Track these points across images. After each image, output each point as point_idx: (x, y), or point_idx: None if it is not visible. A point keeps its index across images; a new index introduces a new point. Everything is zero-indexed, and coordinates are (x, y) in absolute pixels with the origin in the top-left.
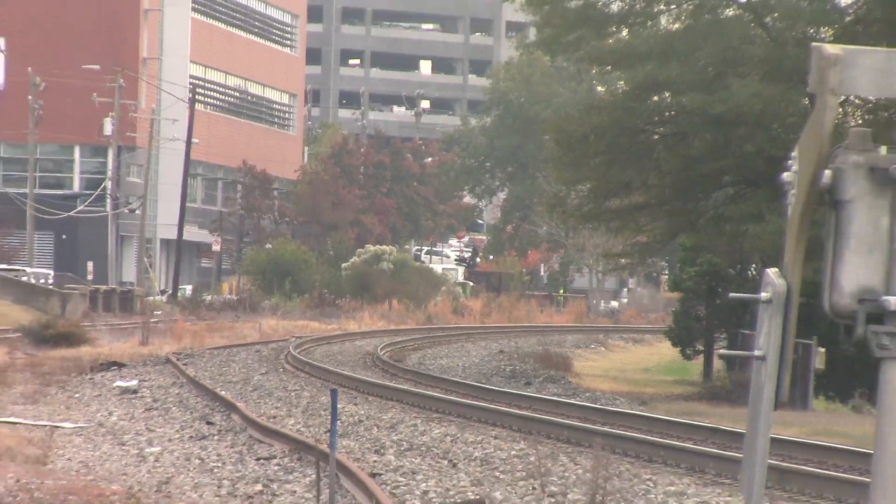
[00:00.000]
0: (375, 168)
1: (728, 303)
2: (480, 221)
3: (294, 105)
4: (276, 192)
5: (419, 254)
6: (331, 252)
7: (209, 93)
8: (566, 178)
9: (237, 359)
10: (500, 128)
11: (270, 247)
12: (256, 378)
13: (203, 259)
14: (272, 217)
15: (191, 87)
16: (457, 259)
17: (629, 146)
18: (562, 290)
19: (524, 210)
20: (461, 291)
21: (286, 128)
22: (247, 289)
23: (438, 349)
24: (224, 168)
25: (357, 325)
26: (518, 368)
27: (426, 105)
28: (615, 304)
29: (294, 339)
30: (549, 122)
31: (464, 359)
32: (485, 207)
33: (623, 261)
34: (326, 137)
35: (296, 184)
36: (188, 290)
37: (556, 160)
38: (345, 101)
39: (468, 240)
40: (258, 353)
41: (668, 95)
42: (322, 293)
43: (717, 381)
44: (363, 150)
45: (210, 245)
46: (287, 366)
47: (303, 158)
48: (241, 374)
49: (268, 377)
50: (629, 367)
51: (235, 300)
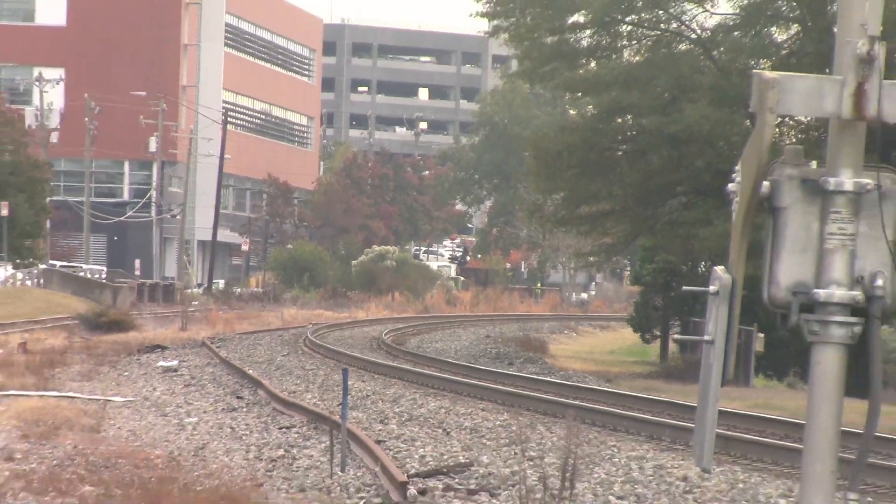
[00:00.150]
0: (380, 180)
1: (681, 295)
2: (470, 225)
3: (311, 126)
4: (296, 201)
5: (418, 253)
6: (342, 251)
7: (239, 115)
8: (543, 189)
9: (262, 342)
10: (487, 146)
11: (291, 247)
12: (279, 359)
13: (234, 257)
14: (292, 222)
15: (223, 111)
16: (450, 257)
17: (597, 161)
18: (539, 284)
19: (507, 215)
20: (453, 285)
21: (304, 145)
22: (271, 283)
23: (434, 334)
24: (251, 180)
25: (365, 314)
26: (502, 351)
27: (424, 126)
28: (585, 296)
29: (311, 326)
30: (529, 141)
31: (456, 342)
32: (474, 213)
33: (591, 259)
34: (339, 154)
35: (313, 193)
36: (221, 284)
37: (535, 173)
38: (354, 123)
39: (459, 241)
40: (280, 338)
41: (630, 118)
42: (335, 286)
43: (672, 362)
44: (370, 165)
45: (240, 245)
46: (305, 348)
47: (318, 172)
48: (266, 356)
49: (288, 358)
50: (597, 350)
51: (261, 292)
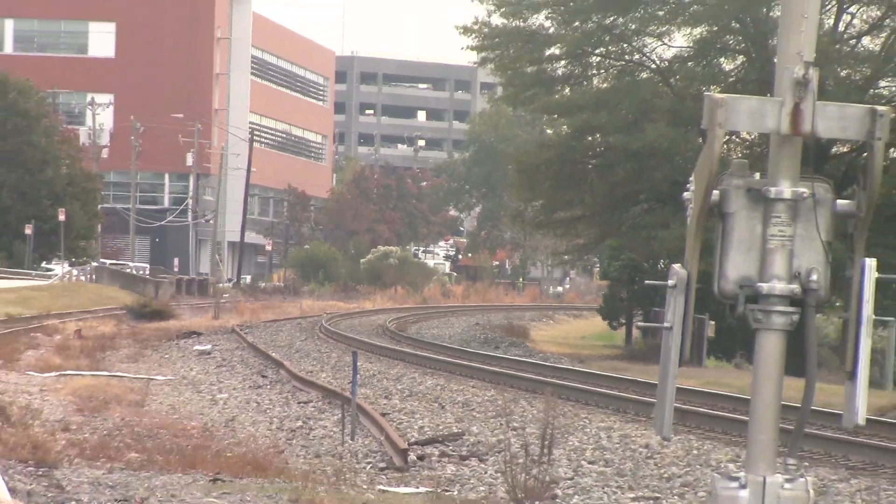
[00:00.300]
0: (385, 190)
1: (644, 288)
2: (461, 228)
3: (325, 143)
4: (312, 208)
5: (417, 252)
6: (352, 251)
7: (263, 134)
8: (524, 197)
9: (284, 329)
10: (476, 160)
11: (308, 247)
12: (298, 343)
13: (259, 256)
14: (309, 226)
15: (249, 131)
16: (444, 256)
17: (570, 174)
18: (521, 279)
19: (494, 220)
20: (447, 280)
21: (319, 160)
22: (291, 278)
23: (431, 322)
24: (274, 190)
25: (372, 305)
26: (489, 336)
27: (422, 144)
28: (560, 289)
29: (325, 315)
30: (512, 156)
31: (449, 329)
32: (465, 218)
33: (566, 257)
34: (349, 167)
35: (326, 201)
36: (248, 279)
37: (517, 184)
38: (362, 141)
39: (452, 242)
40: (299, 325)
41: (599, 136)
42: (346, 281)
43: (636, 346)
44: (376, 177)
45: (264, 246)
46: (320, 334)
47: (331, 183)
48: (287, 341)
49: (306, 343)
50: (571, 335)
51: (282, 286)
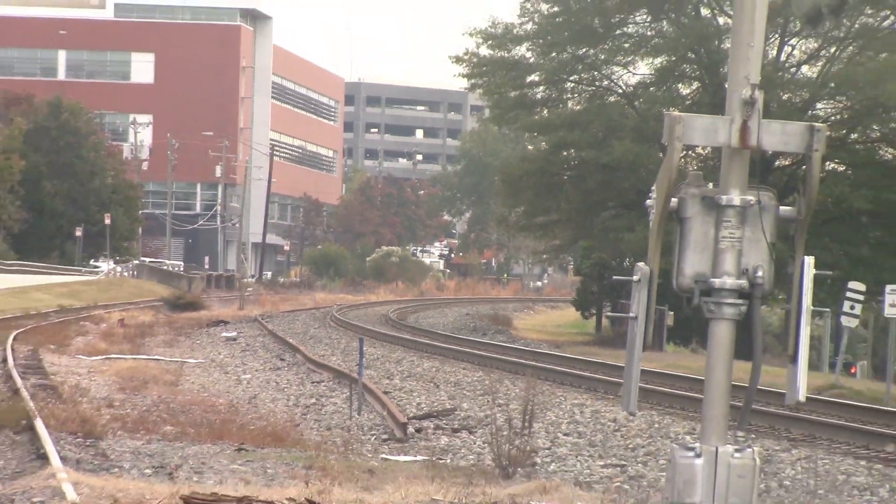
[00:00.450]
0: (387, 198)
1: (612, 283)
2: (454, 231)
3: (335, 158)
4: (324, 213)
5: (415, 252)
6: (359, 251)
7: (281, 150)
8: (508, 204)
9: (299, 319)
10: (467, 172)
11: (321, 247)
12: (312, 331)
13: (278, 255)
14: (322, 229)
15: (270, 146)
16: (439, 255)
17: (548, 184)
18: (505, 275)
19: (482, 224)
20: (442, 276)
21: (330, 172)
22: (306, 274)
23: (427, 312)
24: (291, 197)
25: (376, 297)
26: (478, 325)
27: (419, 158)
28: (539, 284)
29: (336, 306)
30: (498, 169)
31: (443, 318)
32: (456, 222)
33: (544, 256)
34: (356, 178)
35: (336, 207)
36: (269, 275)
37: (502, 192)
38: (367, 155)
39: (446, 243)
40: (313, 315)
41: (573, 151)
42: (353, 277)
43: (605, 333)
44: (379, 187)
45: (282, 246)
46: (331, 323)
47: (341, 191)
48: (302, 329)
49: (319, 330)
50: (548, 324)
51: (298, 281)
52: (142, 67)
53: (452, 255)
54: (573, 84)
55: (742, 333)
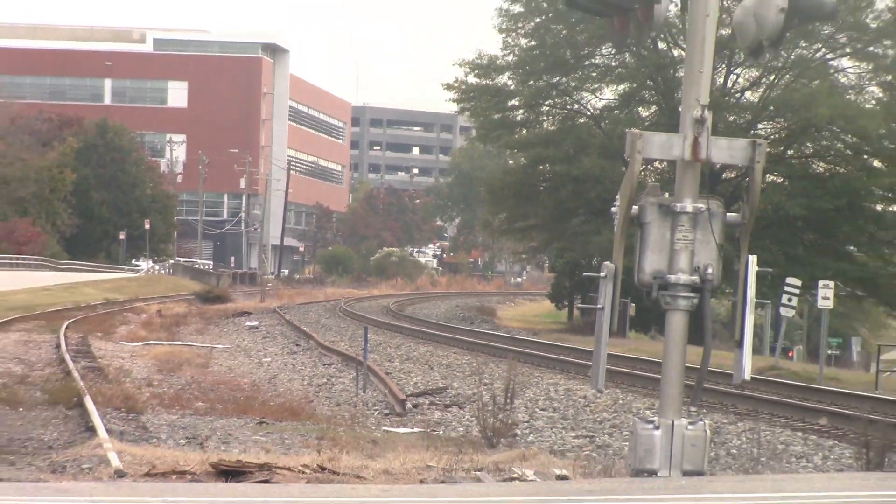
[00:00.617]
0: (388, 206)
1: (582, 278)
2: (445, 234)
3: (343, 171)
4: (334, 219)
5: (412, 252)
6: (364, 251)
7: (297, 164)
8: (492, 211)
9: (312, 310)
10: (456, 184)
11: (331, 249)
12: (323, 320)
13: (294, 255)
14: (331, 232)
15: (287, 162)
16: (432, 255)
17: (527, 193)
18: (490, 272)
19: (469, 228)
20: (435, 273)
21: (339, 183)
22: (318, 272)
23: (423, 304)
24: (305, 206)
25: (378, 292)
26: (466, 315)
27: (416, 171)
28: (519, 280)
29: (344, 300)
30: (483, 181)
31: (436, 310)
32: (448, 227)
33: (523, 256)
34: (361, 189)
35: (344, 214)
36: (286, 272)
37: (487, 201)
38: (371, 170)
39: (439, 245)
40: (324, 307)
41: (548, 165)
42: (359, 274)
43: (576, 322)
44: (381, 196)
45: (298, 248)
46: (340, 314)
47: (348, 200)
48: (315, 318)
49: (330, 320)
50: (527, 314)
51: (312, 278)
52: (177, 94)
53: (444, 255)
54: (548, 108)
55: (694, 322)
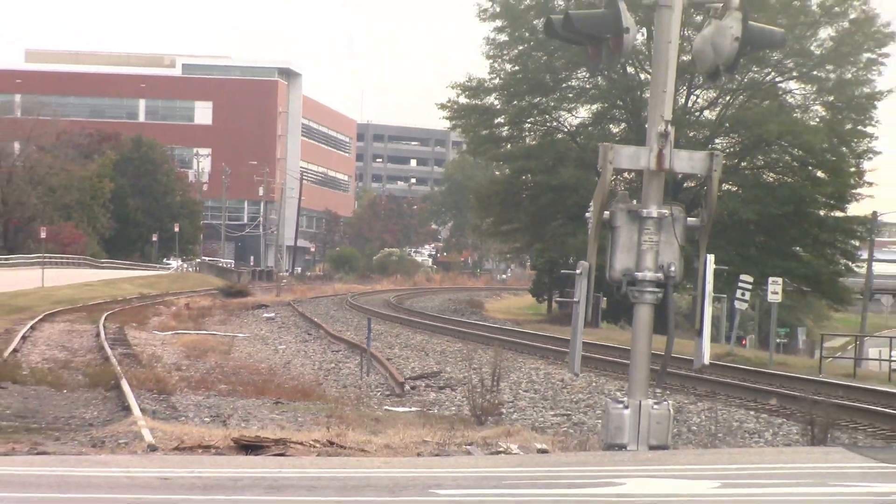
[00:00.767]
0: (389, 211)
1: (560, 275)
2: (439, 237)
3: (349, 181)
4: (341, 223)
5: (410, 252)
6: (367, 252)
7: (308, 175)
8: (481, 216)
9: (322, 303)
10: (449, 192)
11: (338, 249)
12: (332, 312)
13: (306, 255)
14: (339, 235)
15: (300, 172)
16: (428, 255)
17: (511, 201)
18: (479, 270)
19: (461, 231)
20: (430, 270)
21: (346, 192)
22: (327, 270)
23: (419, 298)
24: (316, 211)
25: (380, 287)
26: (457, 307)
27: (413, 181)
28: (504, 276)
29: (350, 294)
30: (473, 189)
31: (431, 303)
32: (441, 230)
33: (508, 255)
34: (365, 197)
35: (350, 219)
36: (299, 270)
37: (476, 207)
38: (374, 179)
39: (434, 245)
40: (332, 300)
41: (530, 176)
42: (363, 271)
43: (555, 314)
44: (383, 203)
45: (309, 248)
46: (346, 306)
47: (354, 207)
48: (325, 310)
49: (337, 312)
50: (511, 307)
51: (321, 275)
52: (203, 112)
53: (438, 255)
54: (530, 125)
55: (659, 314)
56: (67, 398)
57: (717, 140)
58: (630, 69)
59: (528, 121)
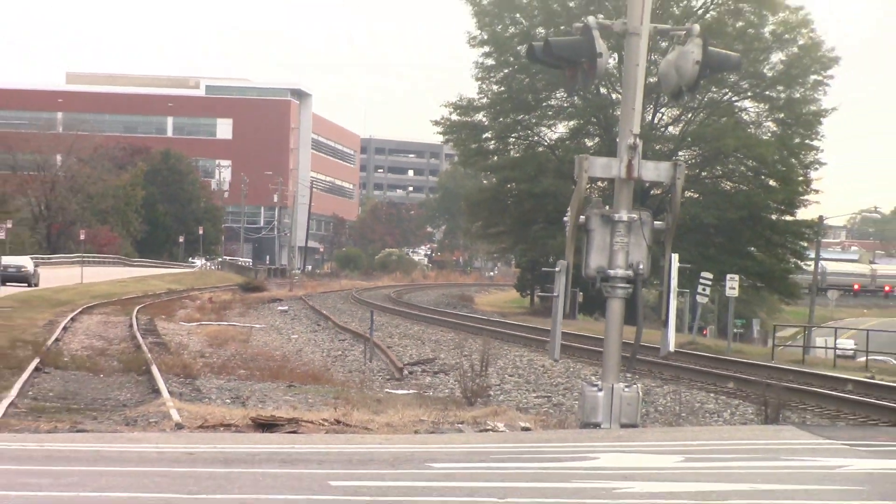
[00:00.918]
0: (389, 216)
1: (541, 273)
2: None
3: (354, 189)
4: (347, 227)
5: (408, 252)
6: (370, 252)
7: (318, 184)
8: (471, 220)
9: (330, 297)
10: (443, 199)
11: (345, 249)
12: (338, 305)
13: (315, 255)
14: (345, 236)
15: (310, 182)
16: (424, 255)
17: (497, 207)
18: (469, 268)
19: (453, 233)
20: (426, 269)
21: (351, 199)
22: (334, 268)
23: (416, 293)
24: (325, 216)
25: (382, 283)
26: (450, 301)
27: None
28: (492, 274)
29: (354, 290)
30: (464, 196)
31: (427, 297)
32: (436, 233)
33: (495, 255)
34: (368, 203)
35: (355, 223)
36: (309, 268)
37: (467, 212)
38: (376, 188)
39: (429, 246)
40: (339, 295)
41: (514, 185)
42: (367, 269)
43: (536, 307)
44: (384, 209)
45: (318, 248)
46: (352, 300)
47: (358, 212)
48: (332, 304)
49: (344, 305)
50: (498, 301)
51: (329, 273)
52: (224, 128)
53: (433, 255)
54: (514, 139)
55: (629, 307)
56: (103, 382)
57: (681, 152)
58: (603, 90)
59: (513, 136)
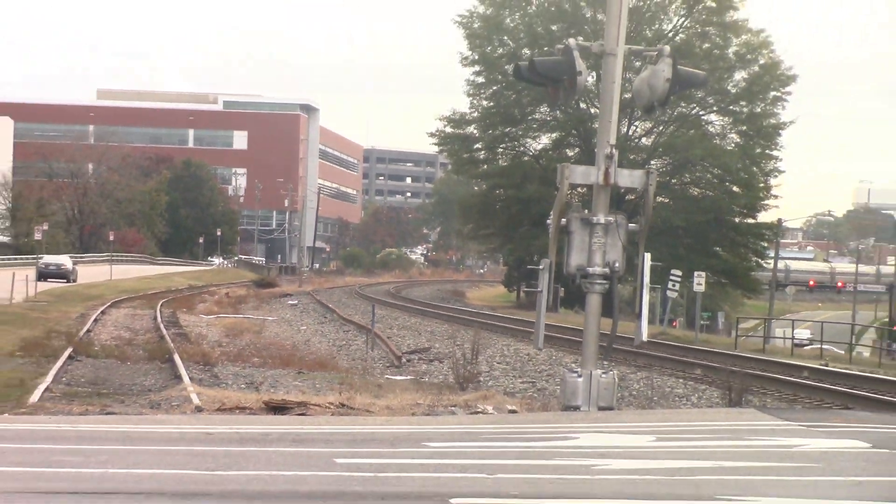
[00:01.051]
0: (389, 220)
1: (527, 270)
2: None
3: (357, 195)
4: (350, 229)
5: (406, 252)
6: (372, 251)
7: (324, 190)
8: (463, 223)
9: (336, 293)
10: (438, 204)
11: (349, 249)
12: (343, 300)
13: (322, 254)
14: (349, 238)
15: (318, 188)
16: (421, 254)
17: (487, 210)
18: (461, 266)
19: (447, 235)
20: (422, 267)
21: (354, 203)
22: (339, 266)
23: (414, 288)
24: (330, 219)
25: (382, 280)
26: (444, 296)
27: (409, 195)
28: (482, 271)
29: (358, 286)
30: (457, 201)
31: (423, 292)
32: (431, 234)
33: (485, 254)
34: (370, 208)
35: (358, 225)
36: (317, 266)
37: (460, 216)
38: (377, 193)
39: (425, 247)
40: (344, 290)
41: (502, 190)
42: (369, 267)
43: (522, 301)
44: (385, 213)
45: (325, 248)
46: (355, 295)
47: (361, 215)
48: (337, 298)
49: (348, 299)
50: (487, 296)
51: (335, 270)
52: (240, 140)
53: (429, 254)
54: (502, 149)
55: (606, 301)
56: (130, 369)
57: (653, 161)
58: (583, 105)
59: (501, 146)
